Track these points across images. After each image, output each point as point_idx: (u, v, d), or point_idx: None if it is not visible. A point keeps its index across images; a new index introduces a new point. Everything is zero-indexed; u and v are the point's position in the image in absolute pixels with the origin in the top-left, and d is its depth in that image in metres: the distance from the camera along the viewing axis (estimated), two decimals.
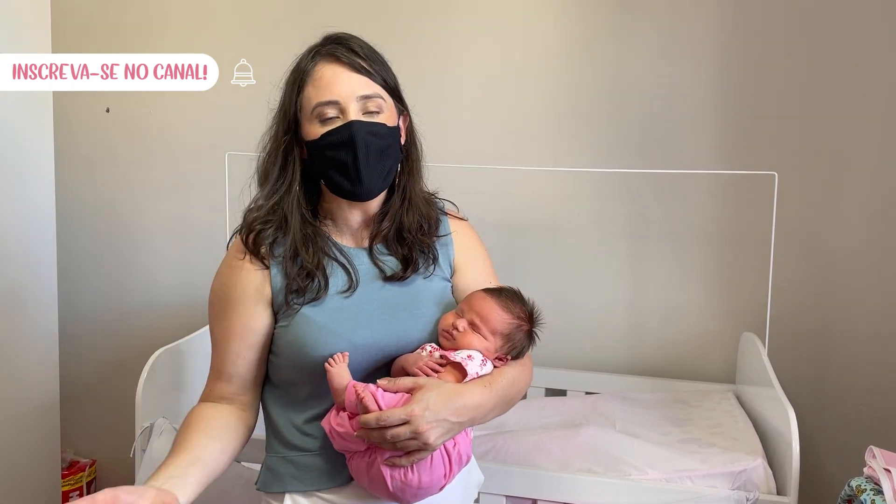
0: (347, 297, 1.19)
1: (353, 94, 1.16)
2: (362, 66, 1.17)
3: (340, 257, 1.21)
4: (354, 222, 1.25)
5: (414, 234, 1.24)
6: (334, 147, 1.16)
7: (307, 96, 1.18)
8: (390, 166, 1.21)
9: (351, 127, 1.14)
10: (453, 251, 1.31)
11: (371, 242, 1.25)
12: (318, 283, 1.17)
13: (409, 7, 2.29)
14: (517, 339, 1.21)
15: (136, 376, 1.71)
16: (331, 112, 1.16)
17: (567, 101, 2.22)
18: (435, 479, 1.10)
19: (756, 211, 2.08)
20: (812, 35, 2.05)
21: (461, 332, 1.16)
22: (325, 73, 1.17)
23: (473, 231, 1.36)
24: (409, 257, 1.24)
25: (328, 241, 1.22)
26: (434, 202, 1.32)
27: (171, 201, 2.52)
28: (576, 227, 2.25)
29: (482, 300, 1.20)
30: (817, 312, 2.12)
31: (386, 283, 1.22)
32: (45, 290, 2.31)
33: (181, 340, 1.87)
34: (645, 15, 2.15)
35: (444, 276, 1.29)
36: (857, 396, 2.10)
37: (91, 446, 2.65)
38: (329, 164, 1.17)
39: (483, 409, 1.12)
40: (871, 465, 1.34)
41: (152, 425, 1.70)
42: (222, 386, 1.22)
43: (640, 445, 1.68)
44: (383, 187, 1.22)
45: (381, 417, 1.03)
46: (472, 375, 1.13)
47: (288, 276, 1.17)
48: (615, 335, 2.26)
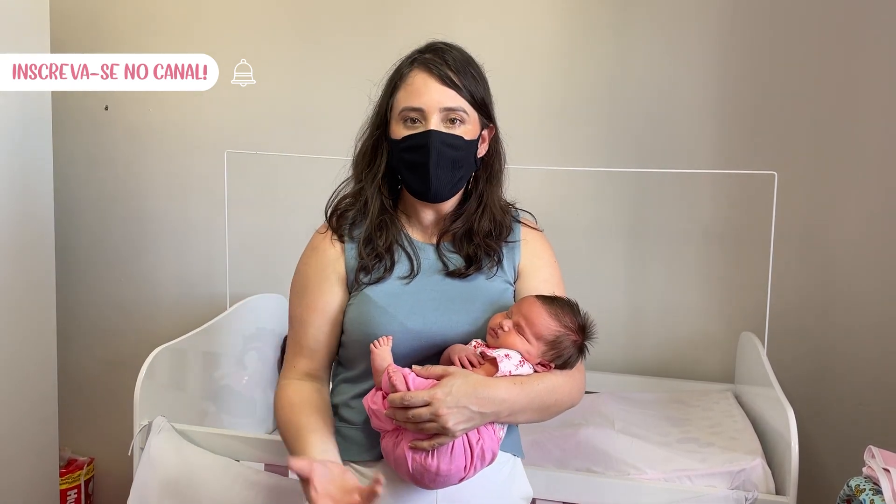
0: (407, 284, 1.28)
1: (437, 105, 1.24)
2: (451, 79, 1.25)
3: (408, 247, 1.31)
4: (427, 220, 1.34)
5: (482, 237, 1.32)
6: (411, 150, 1.25)
7: (398, 99, 1.27)
8: (461, 176, 1.29)
9: (429, 135, 1.24)
10: (519, 257, 1.36)
11: (439, 239, 1.33)
12: (384, 265, 1.27)
13: (409, 6, 2.28)
14: (563, 348, 1.22)
15: (135, 374, 1.71)
16: (415, 117, 1.25)
17: (566, 101, 2.22)
18: (454, 469, 1.13)
19: (756, 210, 2.08)
20: (812, 34, 2.06)
21: (505, 332, 1.20)
22: (416, 80, 1.26)
23: (546, 242, 1.42)
24: (474, 256, 1.30)
25: (400, 232, 1.32)
26: (510, 211, 1.39)
27: (169, 199, 2.52)
28: (575, 227, 2.24)
29: (531, 304, 1.23)
30: (816, 312, 2.12)
31: (447, 278, 1.29)
32: (43, 287, 2.31)
33: (180, 338, 1.86)
34: (645, 15, 2.15)
35: (506, 279, 1.34)
36: (856, 396, 2.10)
37: (89, 444, 2.65)
38: (405, 164, 1.27)
39: (509, 406, 1.15)
40: (870, 464, 1.34)
41: (151, 423, 1.69)
42: (304, 362, 1.32)
43: (638, 445, 1.68)
44: (452, 193, 1.31)
45: (405, 397, 1.09)
46: (503, 372, 1.16)
47: (360, 256, 1.28)
48: (614, 334, 2.26)
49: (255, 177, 2.37)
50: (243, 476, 1.62)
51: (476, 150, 1.30)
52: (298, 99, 2.37)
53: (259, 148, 2.29)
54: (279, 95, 2.37)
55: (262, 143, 2.35)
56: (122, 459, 1.80)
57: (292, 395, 1.29)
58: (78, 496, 2.54)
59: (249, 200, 2.40)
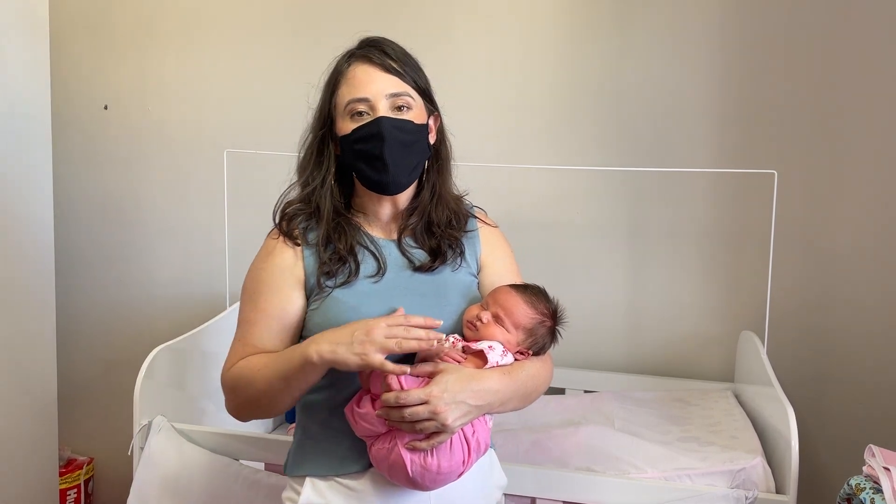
0: (376, 283, 1.24)
1: (382, 92, 1.23)
2: (393, 66, 1.24)
3: (370, 245, 1.27)
4: (384, 216, 1.31)
5: (443, 227, 1.30)
6: (364, 140, 1.22)
7: (341, 95, 1.25)
8: (417, 161, 1.27)
9: (379, 122, 1.21)
10: (480, 248, 1.35)
11: (400, 235, 1.31)
12: (349, 267, 1.23)
13: (409, 6, 2.28)
14: (539, 335, 1.24)
15: (135, 374, 1.70)
16: (362, 108, 1.23)
17: (566, 100, 2.22)
18: (454, 465, 1.13)
19: (755, 209, 2.08)
20: (812, 34, 2.05)
21: (485, 323, 1.20)
22: (357, 72, 1.24)
23: (502, 234, 1.41)
24: (438, 249, 1.29)
25: (359, 231, 1.28)
26: (462, 201, 1.38)
27: (169, 198, 2.52)
28: (575, 226, 2.24)
29: (507, 294, 1.23)
30: (816, 311, 2.12)
31: (415, 273, 1.27)
32: (43, 287, 2.31)
33: (179, 338, 1.86)
34: (646, 14, 2.15)
35: (470, 271, 1.33)
36: (856, 395, 2.10)
37: (89, 444, 2.65)
38: (359, 156, 1.24)
39: (501, 396, 1.15)
40: (870, 463, 1.34)
41: (150, 423, 1.69)
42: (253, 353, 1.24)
43: (639, 444, 1.68)
44: (410, 181, 1.28)
45: (400, 396, 1.07)
46: (492, 363, 1.16)
47: (320, 260, 1.23)
48: (614, 334, 2.26)
49: (254, 176, 2.37)
50: (243, 475, 1.62)
51: (427, 135, 1.29)
52: (298, 98, 2.37)
53: (259, 147, 2.29)
54: (279, 95, 2.37)
55: (262, 143, 2.34)
56: (121, 459, 1.80)
57: (245, 361, 1.21)
58: (77, 496, 2.54)
59: (249, 200, 2.39)
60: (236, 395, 1.23)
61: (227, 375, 1.24)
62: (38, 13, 2.23)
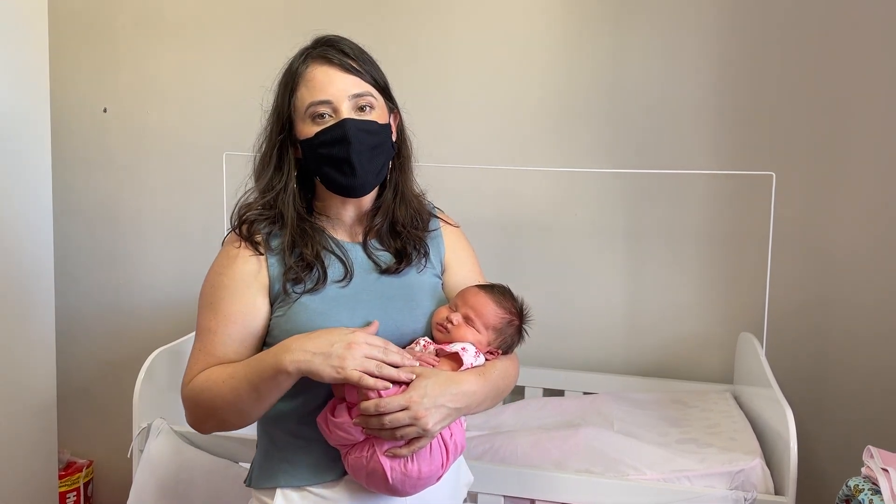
0: (344, 287, 1.21)
1: (344, 94, 1.19)
2: (352, 66, 1.21)
3: (336, 250, 1.24)
4: (348, 218, 1.28)
5: (407, 228, 1.29)
6: (328, 144, 1.19)
7: (300, 97, 1.21)
8: (383, 162, 1.25)
9: (344, 124, 1.18)
10: (444, 249, 1.35)
11: (365, 237, 1.28)
12: (317, 273, 1.20)
13: (407, 8, 2.29)
14: (508, 334, 1.25)
15: (134, 376, 1.71)
16: (324, 111, 1.19)
17: (565, 102, 2.22)
18: (434, 469, 1.12)
19: (754, 211, 2.09)
20: (810, 34, 2.06)
21: (455, 325, 1.20)
22: (316, 74, 1.20)
23: (463, 234, 1.40)
24: (403, 251, 1.28)
25: (324, 235, 1.25)
26: (424, 200, 1.36)
27: (168, 201, 2.52)
28: (573, 228, 2.25)
29: (476, 295, 1.24)
30: (815, 312, 2.12)
31: (381, 276, 1.25)
32: (42, 290, 2.31)
33: (179, 340, 1.86)
34: (643, 15, 2.15)
35: (435, 272, 1.32)
36: (855, 396, 2.11)
37: (88, 447, 2.65)
38: (324, 161, 1.20)
39: (477, 397, 1.15)
40: (868, 464, 1.34)
41: (150, 426, 1.69)
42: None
43: (637, 446, 1.68)
44: (376, 182, 1.26)
45: (380, 404, 1.05)
46: (467, 365, 1.16)
47: (286, 266, 1.19)
48: (613, 335, 2.26)
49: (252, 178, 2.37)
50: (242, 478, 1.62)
51: (391, 134, 1.26)
52: None
53: (254, 149, 2.28)
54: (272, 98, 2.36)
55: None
56: (121, 461, 1.81)
57: (207, 372, 1.16)
58: (77, 498, 2.54)
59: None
60: (200, 408, 1.17)
61: (189, 388, 1.18)
62: (37, 16, 2.23)
